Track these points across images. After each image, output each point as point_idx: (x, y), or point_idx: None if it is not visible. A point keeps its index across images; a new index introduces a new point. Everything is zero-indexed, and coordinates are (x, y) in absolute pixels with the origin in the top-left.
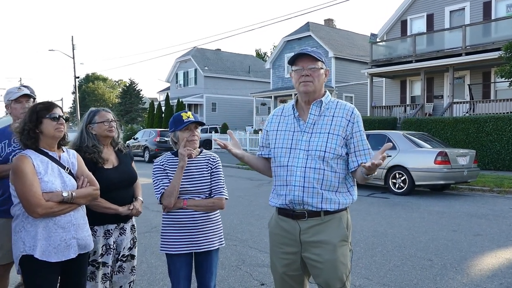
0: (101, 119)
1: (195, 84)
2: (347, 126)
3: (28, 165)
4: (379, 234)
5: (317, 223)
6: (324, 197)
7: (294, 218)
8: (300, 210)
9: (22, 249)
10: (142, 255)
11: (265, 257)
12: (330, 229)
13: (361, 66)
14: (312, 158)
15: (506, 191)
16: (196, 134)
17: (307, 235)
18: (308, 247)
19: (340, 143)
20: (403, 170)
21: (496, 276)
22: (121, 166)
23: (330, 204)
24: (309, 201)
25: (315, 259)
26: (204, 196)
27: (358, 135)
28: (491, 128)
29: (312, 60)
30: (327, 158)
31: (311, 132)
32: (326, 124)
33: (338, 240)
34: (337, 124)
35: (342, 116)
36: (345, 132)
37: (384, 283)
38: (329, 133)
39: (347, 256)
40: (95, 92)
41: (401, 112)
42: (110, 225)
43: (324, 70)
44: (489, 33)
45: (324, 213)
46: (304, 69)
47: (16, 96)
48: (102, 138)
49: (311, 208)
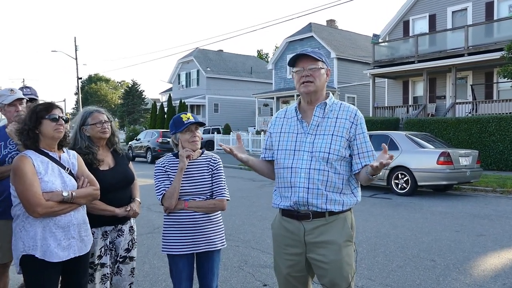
0: (93, 121)
1: (197, 85)
2: (351, 128)
3: (28, 165)
4: (381, 235)
5: (321, 224)
6: (329, 198)
7: (299, 219)
8: (304, 211)
9: (22, 249)
10: (145, 256)
11: (267, 258)
12: (335, 229)
13: (363, 66)
14: (316, 160)
15: (509, 192)
16: (197, 135)
17: (312, 235)
18: (313, 248)
19: (343, 145)
20: (405, 171)
21: (499, 277)
22: (117, 167)
23: (334, 205)
24: (314, 202)
25: (320, 259)
26: (205, 197)
27: (362, 137)
28: (494, 129)
29: (312, 60)
30: (331, 160)
31: (315, 134)
32: (330, 126)
33: (343, 240)
34: (340, 126)
35: (345, 118)
36: (348, 134)
37: (386, 284)
38: (333, 135)
39: (352, 256)
40: (98, 93)
41: (404, 112)
42: (107, 226)
43: (325, 70)
44: (492, 33)
45: (328, 213)
46: (305, 70)
47: (10, 100)
48: (96, 139)
49: (316, 209)
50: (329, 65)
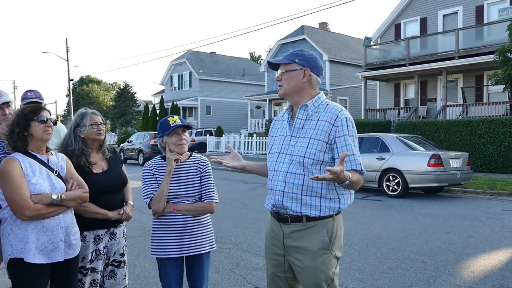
0: (90, 122)
1: (189, 87)
2: (331, 130)
3: (16, 168)
4: (373, 237)
5: (299, 229)
6: (304, 203)
7: (279, 221)
8: (284, 214)
9: (10, 252)
10: (136, 259)
11: (259, 260)
12: (311, 236)
13: (355, 69)
14: (295, 164)
15: (498, 193)
16: (184, 138)
17: (290, 239)
18: (291, 252)
19: (321, 148)
20: (397, 173)
21: (489, 278)
22: (110, 170)
23: (310, 210)
24: (289, 205)
25: (297, 264)
26: (194, 200)
27: (342, 140)
28: (483, 131)
29: (284, 64)
30: (306, 164)
31: (298, 137)
32: (310, 128)
33: (317, 248)
34: (319, 128)
35: (326, 120)
36: (327, 137)
37: (378, 286)
38: (311, 138)
39: (329, 264)
40: (89, 95)
41: (395, 115)
42: (100, 230)
43: (299, 71)
44: (482, 36)
45: (306, 218)
46: (277, 75)
47: None
48: (90, 141)
49: (292, 212)
50: (312, 63)
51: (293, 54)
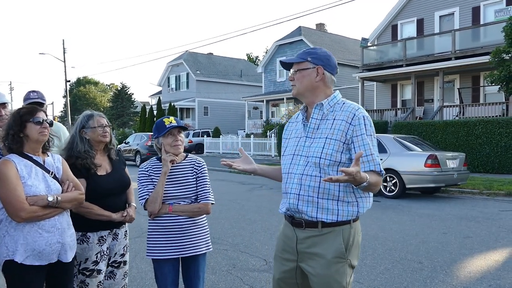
0: (96, 124)
1: (187, 88)
2: (348, 129)
3: (12, 169)
4: (369, 237)
5: (314, 235)
6: (320, 207)
7: (293, 226)
8: (298, 218)
9: (6, 254)
10: (132, 260)
11: (256, 262)
12: (326, 243)
13: (352, 70)
14: (310, 165)
15: (495, 194)
16: (179, 139)
17: (304, 245)
18: (304, 258)
19: (338, 149)
20: (394, 173)
21: (485, 278)
22: (115, 172)
23: (327, 214)
24: (304, 209)
25: (310, 271)
26: (190, 201)
27: (360, 139)
28: (480, 131)
29: (297, 63)
30: (322, 165)
31: (313, 137)
32: (326, 128)
33: (331, 256)
34: (336, 127)
35: (342, 119)
36: (344, 137)
37: (374, 286)
38: (327, 138)
39: (344, 274)
40: (87, 96)
41: (392, 115)
42: (103, 231)
43: (313, 69)
44: (478, 37)
45: (321, 224)
46: (290, 75)
47: None
48: (95, 143)
49: (307, 217)
50: (326, 61)
51: (305, 52)
